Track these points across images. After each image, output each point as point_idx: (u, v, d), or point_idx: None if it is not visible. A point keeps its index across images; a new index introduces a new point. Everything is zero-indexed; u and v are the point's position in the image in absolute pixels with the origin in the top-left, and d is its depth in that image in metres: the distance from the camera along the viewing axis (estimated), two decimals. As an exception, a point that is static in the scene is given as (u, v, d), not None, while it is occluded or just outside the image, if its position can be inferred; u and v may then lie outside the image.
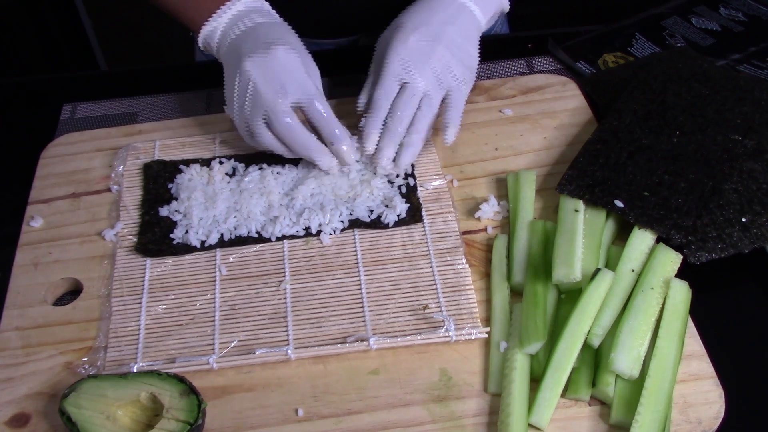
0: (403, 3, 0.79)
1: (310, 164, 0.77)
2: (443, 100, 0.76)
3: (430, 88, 0.75)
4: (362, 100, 0.79)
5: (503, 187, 0.77)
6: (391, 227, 0.73)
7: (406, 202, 0.75)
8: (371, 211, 0.74)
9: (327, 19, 0.99)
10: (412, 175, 0.78)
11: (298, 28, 0.78)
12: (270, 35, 0.75)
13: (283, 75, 0.72)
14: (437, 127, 0.78)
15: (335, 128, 0.74)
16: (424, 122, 0.75)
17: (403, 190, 0.76)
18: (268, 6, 0.80)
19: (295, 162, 0.79)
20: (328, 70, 0.83)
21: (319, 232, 0.73)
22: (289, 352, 0.64)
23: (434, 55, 0.75)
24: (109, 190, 0.79)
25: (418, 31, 0.75)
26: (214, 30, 0.77)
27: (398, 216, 0.73)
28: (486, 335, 0.65)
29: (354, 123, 0.78)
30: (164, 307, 0.68)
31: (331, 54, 1.00)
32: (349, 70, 0.93)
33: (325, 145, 0.74)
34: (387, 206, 0.74)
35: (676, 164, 0.74)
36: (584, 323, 0.61)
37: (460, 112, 0.77)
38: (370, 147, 0.75)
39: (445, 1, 0.78)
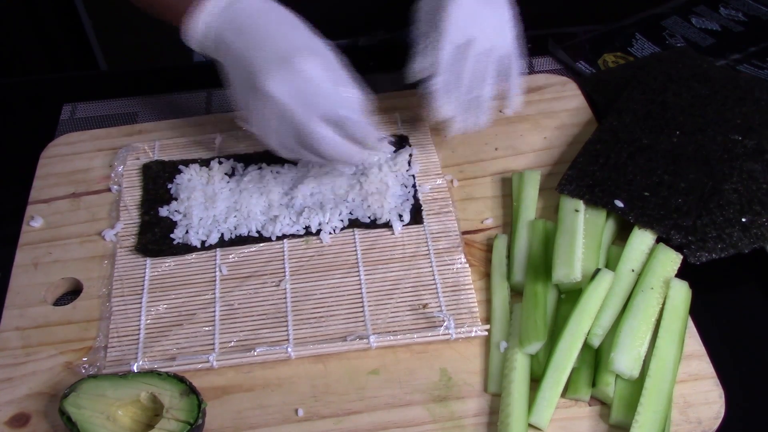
0: (403, 4, 0.78)
1: (310, 163, 0.77)
2: (501, 66, 0.73)
3: (493, 45, 0.71)
4: (419, 64, 0.73)
5: (503, 187, 0.77)
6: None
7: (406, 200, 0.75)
8: (378, 218, 0.74)
9: (326, 20, 0.99)
10: (412, 175, 0.78)
11: None
12: (283, 38, 0.68)
13: (311, 89, 0.66)
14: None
15: (369, 136, 0.69)
16: (490, 83, 0.72)
17: (412, 201, 0.76)
18: None
19: (295, 161, 0.79)
20: None
21: (319, 231, 0.73)
22: (290, 350, 0.64)
23: (492, 15, 0.72)
24: (109, 190, 0.79)
25: None
26: (200, 22, 0.69)
27: (403, 224, 0.73)
28: (486, 333, 0.65)
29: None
30: (164, 306, 0.68)
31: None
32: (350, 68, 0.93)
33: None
34: (400, 216, 0.74)
35: (676, 164, 0.74)
36: (584, 323, 0.61)
37: (520, 80, 0.75)
38: (447, 110, 0.71)
39: None
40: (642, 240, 0.68)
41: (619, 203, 0.70)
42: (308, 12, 0.97)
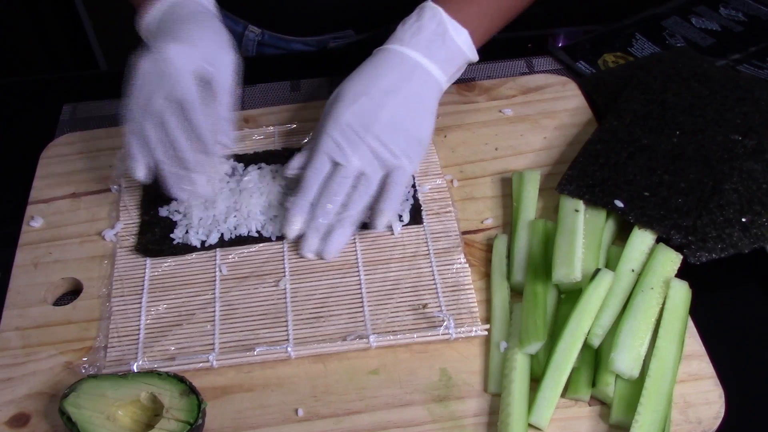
0: (373, 5, 0.76)
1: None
2: (385, 179, 0.70)
3: (366, 167, 0.69)
4: (294, 164, 0.72)
5: (503, 187, 0.77)
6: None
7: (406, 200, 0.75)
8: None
9: (297, 15, 0.98)
10: (412, 175, 0.78)
11: (264, 21, 0.75)
12: (184, 30, 0.69)
13: (165, 70, 0.67)
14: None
15: (208, 129, 0.68)
16: (357, 204, 0.69)
17: (411, 201, 0.75)
18: None
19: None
20: (296, 73, 0.81)
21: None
22: (289, 350, 0.64)
23: (372, 132, 0.68)
24: (109, 190, 0.79)
25: (358, 103, 0.69)
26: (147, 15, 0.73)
27: (402, 224, 0.73)
28: (486, 333, 0.65)
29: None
30: (164, 306, 0.68)
31: (300, 57, 1.01)
32: (317, 73, 0.93)
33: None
34: (400, 216, 0.74)
35: (676, 164, 0.74)
36: (584, 323, 0.61)
37: (399, 195, 0.71)
38: (291, 233, 0.70)
39: (396, 60, 0.71)
40: (642, 240, 0.68)
41: (619, 203, 0.70)
42: (277, 10, 0.96)
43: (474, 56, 0.75)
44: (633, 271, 0.66)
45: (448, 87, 0.76)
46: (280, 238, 0.73)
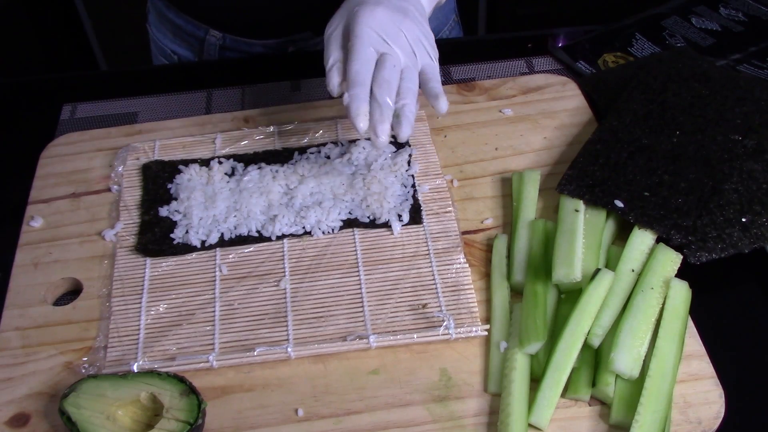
0: (331, 6, 0.76)
1: (309, 163, 0.77)
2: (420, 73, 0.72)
3: (407, 59, 0.71)
4: (335, 79, 0.71)
5: (503, 187, 0.77)
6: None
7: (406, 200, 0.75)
8: (377, 218, 0.74)
9: (258, 18, 0.98)
10: (411, 175, 0.78)
11: (225, 25, 0.75)
12: None
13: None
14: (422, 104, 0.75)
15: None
16: (412, 92, 0.70)
17: (411, 201, 0.75)
18: None
19: (294, 161, 0.79)
20: (296, 73, 0.82)
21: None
22: (289, 350, 0.64)
23: (405, 27, 0.71)
24: (109, 190, 0.79)
25: (382, 5, 0.71)
26: None
27: (402, 224, 0.73)
28: (486, 333, 0.65)
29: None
30: (164, 306, 0.68)
31: (301, 56, 1.01)
32: (318, 73, 0.93)
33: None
34: (399, 216, 0.74)
35: (676, 164, 0.74)
36: (584, 323, 0.61)
37: (440, 83, 0.72)
38: (363, 123, 0.68)
39: None
40: (642, 240, 0.68)
41: (619, 203, 0.70)
42: (238, 13, 0.96)
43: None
44: (633, 271, 0.66)
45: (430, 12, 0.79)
46: (280, 237, 0.73)
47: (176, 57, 1.05)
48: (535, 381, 0.61)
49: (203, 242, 0.73)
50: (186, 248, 0.73)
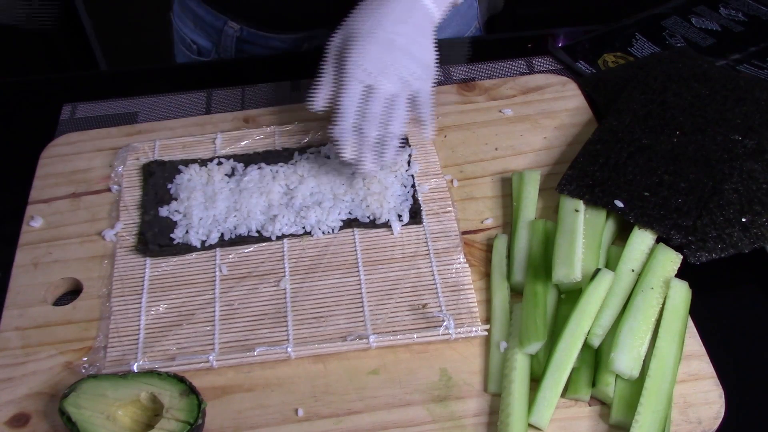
0: (344, 4, 0.77)
1: (309, 163, 0.77)
2: (411, 100, 0.74)
3: (396, 87, 0.72)
4: (320, 101, 0.74)
5: (503, 187, 0.77)
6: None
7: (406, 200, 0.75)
8: (377, 218, 0.74)
9: (278, 11, 0.99)
10: (411, 175, 0.78)
11: (243, 17, 0.76)
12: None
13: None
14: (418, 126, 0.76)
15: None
16: (398, 122, 0.72)
17: (411, 201, 0.75)
18: None
19: (294, 161, 0.79)
20: (296, 73, 0.82)
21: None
22: (289, 350, 0.64)
23: (394, 60, 0.72)
24: (109, 190, 0.79)
25: (375, 34, 0.72)
26: None
27: (402, 224, 0.73)
28: (486, 333, 0.65)
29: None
30: (164, 306, 0.68)
31: (259, 60, 1.01)
32: (277, 77, 0.93)
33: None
34: (399, 216, 0.74)
35: (676, 164, 0.74)
36: (584, 323, 0.61)
37: (430, 109, 0.75)
38: (349, 153, 0.72)
39: None
40: (642, 240, 0.68)
41: (619, 203, 0.70)
42: (254, 4, 0.97)
43: None
44: (633, 271, 0.66)
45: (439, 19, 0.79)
46: (280, 237, 0.73)
47: (196, 47, 1.06)
48: (535, 381, 0.61)
49: (203, 242, 0.73)
50: (186, 248, 0.73)
